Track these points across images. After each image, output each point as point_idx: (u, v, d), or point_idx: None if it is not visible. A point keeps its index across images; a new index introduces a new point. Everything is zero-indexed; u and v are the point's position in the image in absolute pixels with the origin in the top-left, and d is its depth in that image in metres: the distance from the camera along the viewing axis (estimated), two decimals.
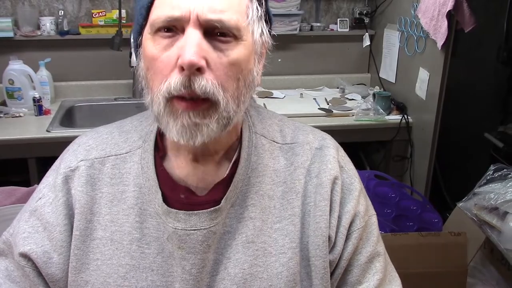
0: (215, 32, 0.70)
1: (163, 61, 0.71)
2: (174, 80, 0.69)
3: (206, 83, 0.68)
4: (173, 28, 0.70)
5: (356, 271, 0.84)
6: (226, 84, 0.71)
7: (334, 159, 0.86)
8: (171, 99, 0.70)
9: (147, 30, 0.74)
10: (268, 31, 0.80)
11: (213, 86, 0.69)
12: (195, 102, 0.69)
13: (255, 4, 0.75)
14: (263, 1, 0.78)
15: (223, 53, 0.71)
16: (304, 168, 0.85)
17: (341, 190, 0.85)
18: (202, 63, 0.68)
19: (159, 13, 0.70)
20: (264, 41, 0.78)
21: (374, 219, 0.88)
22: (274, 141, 0.86)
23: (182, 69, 0.68)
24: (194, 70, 0.67)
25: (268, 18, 0.81)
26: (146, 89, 0.76)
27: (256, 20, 0.75)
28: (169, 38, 0.71)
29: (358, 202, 0.85)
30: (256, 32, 0.75)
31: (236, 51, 0.71)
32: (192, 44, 0.67)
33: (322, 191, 0.83)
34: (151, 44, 0.72)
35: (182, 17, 0.68)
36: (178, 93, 0.69)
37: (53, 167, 0.88)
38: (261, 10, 0.76)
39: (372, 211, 0.89)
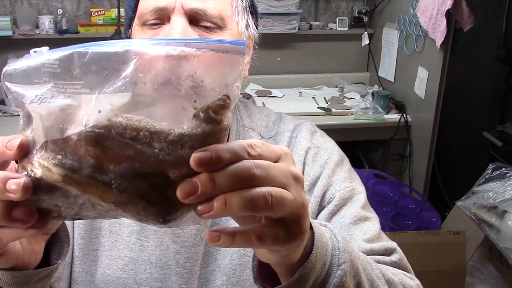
0: (199, 21, 0.72)
1: None
2: None
3: None
4: (159, 19, 0.73)
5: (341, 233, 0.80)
6: None
7: (305, 140, 0.86)
8: None
9: (135, 22, 0.76)
10: (255, 24, 0.81)
11: None
12: None
13: None
14: None
15: None
16: None
17: (316, 165, 0.84)
18: None
19: (146, 4, 0.73)
20: (250, 33, 0.80)
21: (360, 189, 0.85)
22: (260, 135, 0.87)
23: None
24: None
25: (254, 11, 0.82)
26: None
27: (241, 11, 0.77)
28: (156, 29, 0.73)
29: (333, 172, 0.84)
30: (241, 23, 0.77)
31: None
32: (177, 31, 0.69)
33: None
34: (138, 34, 0.74)
35: (167, 7, 0.71)
36: None
37: None
38: (246, 1, 0.78)
39: (358, 183, 0.87)
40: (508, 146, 2.25)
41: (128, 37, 0.79)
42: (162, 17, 0.72)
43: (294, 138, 0.87)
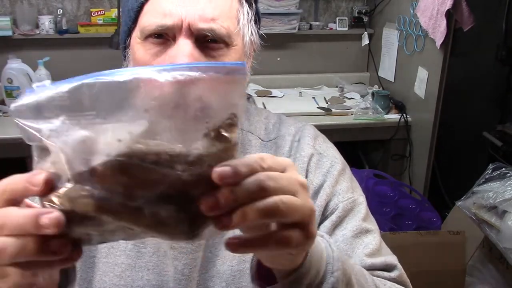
0: (206, 40, 0.70)
1: None
2: None
3: None
4: (164, 35, 0.70)
5: (342, 246, 0.79)
6: None
7: (309, 146, 0.86)
8: None
9: (136, 34, 0.73)
10: (257, 31, 0.80)
11: None
12: None
13: (246, 7, 0.75)
14: (253, 3, 0.78)
15: (214, 59, 0.71)
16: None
17: (318, 173, 0.84)
18: None
19: (150, 20, 0.70)
20: (253, 41, 0.78)
21: (361, 199, 0.85)
22: (260, 138, 0.86)
23: None
24: None
25: (258, 18, 0.80)
26: None
27: (246, 24, 0.75)
28: (160, 45, 0.70)
29: (336, 182, 0.83)
30: (246, 36, 0.75)
31: (227, 57, 0.72)
32: (184, 55, 0.67)
33: None
34: (141, 49, 0.72)
35: (174, 27, 0.68)
36: None
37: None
38: (251, 12, 0.76)
39: (359, 192, 0.87)
40: (508, 146, 2.25)
41: (127, 46, 0.76)
42: (167, 33, 0.70)
43: (296, 142, 0.87)
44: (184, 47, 0.68)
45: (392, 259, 0.80)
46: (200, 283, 0.78)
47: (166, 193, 0.39)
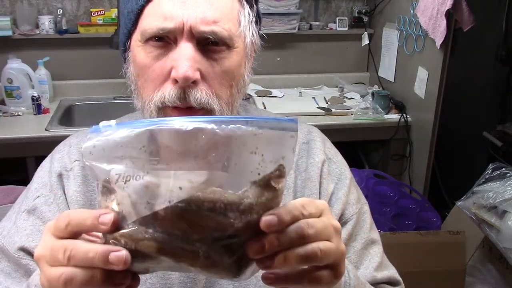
0: (207, 42, 0.69)
1: (155, 71, 0.70)
2: (169, 92, 0.68)
3: (201, 94, 0.69)
4: (165, 38, 0.69)
5: (353, 258, 0.83)
6: (220, 92, 0.71)
7: (321, 151, 0.87)
8: (164, 108, 0.70)
9: (136, 36, 0.72)
10: (258, 32, 0.80)
11: (208, 96, 0.69)
12: (190, 110, 0.69)
13: (247, 9, 0.75)
14: (254, 4, 0.77)
15: (216, 62, 0.70)
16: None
17: (330, 180, 0.85)
18: (197, 76, 0.67)
19: (151, 23, 0.69)
20: (253, 42, 0.78)
21: (366, 207, 0.88)
22: None
23: (175, 81, 0.68)
24: (189, 83, 0.68)
25: (258, 19, 0.80)
26: (136, 95, 0.76)
27: (247, 25, 0.75)
28: (161, 48, 0.70)
29: (349, 190, 0.85)
30: (247, 36, 0.75)
31: (229, 60, 0.71)
32: (186, 58, 0.67)
33: (311, 185, 0.84)
34: (142, 52, 0.71)
35: (175, 30, 0.68)
36: (173, 105, 0.69)
37: (44, 168, 0.86)
38: (252, 14, 0.76)
39: (363, 200, 0.89)
40: (508, 146, 2.25)
41: (127, 49, 0.76)
42: (168, 36, 0.69)
43: (305, 144, 0.87)
44: (185, 50, 0.67)
45: (394, 273, 0.85)
46: (206, 285, 0.77)
47: (219, 238, 0.43)
